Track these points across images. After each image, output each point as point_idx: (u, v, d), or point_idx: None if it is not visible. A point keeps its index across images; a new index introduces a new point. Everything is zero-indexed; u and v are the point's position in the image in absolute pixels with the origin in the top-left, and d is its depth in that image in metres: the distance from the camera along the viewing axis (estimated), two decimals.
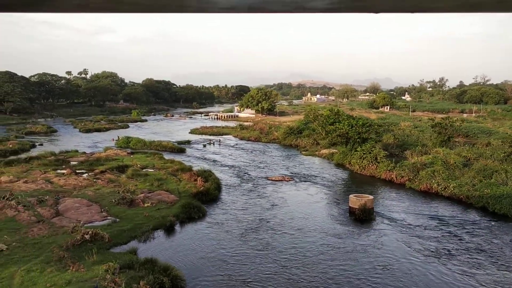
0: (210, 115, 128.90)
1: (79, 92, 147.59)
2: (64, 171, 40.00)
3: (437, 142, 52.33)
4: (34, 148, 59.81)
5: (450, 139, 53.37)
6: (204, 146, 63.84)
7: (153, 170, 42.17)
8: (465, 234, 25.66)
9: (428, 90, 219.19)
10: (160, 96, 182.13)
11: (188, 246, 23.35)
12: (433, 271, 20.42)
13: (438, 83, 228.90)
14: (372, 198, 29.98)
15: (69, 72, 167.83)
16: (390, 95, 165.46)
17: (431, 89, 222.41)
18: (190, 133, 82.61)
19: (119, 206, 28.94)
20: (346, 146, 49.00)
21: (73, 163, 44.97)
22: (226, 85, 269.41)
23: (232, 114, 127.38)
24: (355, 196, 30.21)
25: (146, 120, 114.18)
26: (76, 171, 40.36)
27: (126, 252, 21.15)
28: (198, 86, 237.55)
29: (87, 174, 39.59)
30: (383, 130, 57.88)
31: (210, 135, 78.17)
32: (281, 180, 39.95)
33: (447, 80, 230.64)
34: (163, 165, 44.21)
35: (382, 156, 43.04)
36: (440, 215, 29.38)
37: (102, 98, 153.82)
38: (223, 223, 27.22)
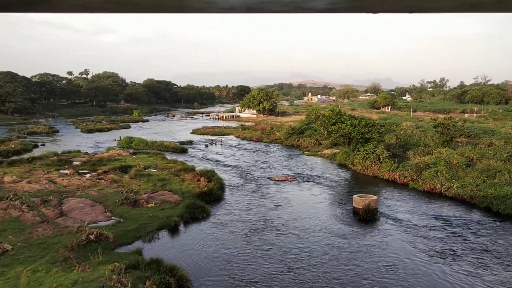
0: (211, 115, 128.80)
1: (80, 92, 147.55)
2: (67, 171, 40.01)
3: (439, 142, 52.28)
4: (36, 148, 59.82)
5: (452, 139, 53.35)
6: (206, 146, 63.83)
7: (155, 170, 42.15)
8: (469, 234, 25.62)
9: (429, 90, 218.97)
10: (161, 96, 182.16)
11: (192, 246, 23.33)
12: (438, 272, 20.39)
13: (439, 83, 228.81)
14: (376, 198, 29.95)
15: (70, 72, 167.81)
16: (391, 95, 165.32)
17: (431, 89, 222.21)
18: (191, 133, 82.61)
19: (123, 206, 28.94)
20: (349, 146, 48.95)
21: (75, 163, 44.96)
22: (227, 85, 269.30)
23: (233, 114, 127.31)
24: (359, 196, 30.17)
25: (147, 120, 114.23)
26: (79, 171, 40.35)
27: (131, 253, 21.13)
28: (199, 86, 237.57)
29: (90, 174, 39.60)
30: (385, 130, 57.83)
31: (212, 135, 78.16)
32: (284, 180, 39.92)
33: (447, 80, 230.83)
34: (165, 165, 44.19)
35: (385, 156, 43.04)
36: (444, 215, 29.35)
37: (103, 98, 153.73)
38: (227, 223, 27.21)
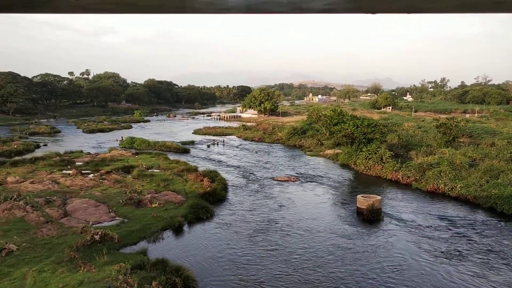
0: (213, 116, 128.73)
1: (81, 92, 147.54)
2: (70, 172, 40.00)
3: (441, 142, 52.23)
4: (38, 148, 59.85)
5: (454, 139, 53.32)
6: (208, 147, 63.82)
7: (158, 170, 42.13)
8: (474, 234, 25.59)
9: (430, 90, 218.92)
10: (162, 97, 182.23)
11: (197, 247, 23.32)
12: (443, 272, 20.35)
13: (440, 84, 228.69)
14: (380, 199, 29.90)
15: (71, 73, 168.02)
16: (392, 96, 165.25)
17: (432, 89, 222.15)
18: (193, 133, 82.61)
19: (126, 207, 28.92)
20: (351, 147, 48.92)
21: (78, 163, 44.95)
22: (227, 85, 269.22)
23: (234, 114, 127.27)
24: (362, 196, 30.12)
25: (148, 121, 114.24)
26: (82, 172, 40.34)
27: (136, 253, 21.13)
28: (199, 87, 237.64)
29: (93, 175, 39.58)
30: (387, 131, 57.79)
31: (214, 135, 78.13)
32: (287, 181, 39.89)
33: (448, 80, 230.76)
34: (168, 165, 44.19)
35: (388, 157, 43.01)
36: (448, 216, 29.31)
37: (105, 98, 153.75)
38: (231, 223, 27.18)
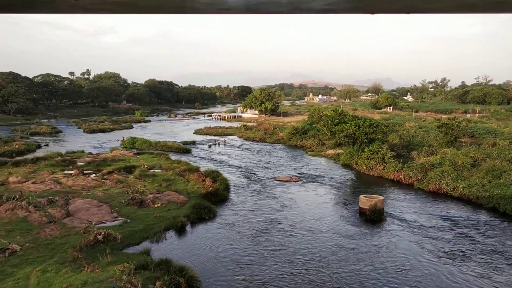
0: (213, 116, 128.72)
1: (82, 92, 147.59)
2: (71, 172, 39.99)
3: (443, 142, 52.22)
4: (39, 148, 59.88)
5: (456, 139, 53.31)
6: (210, 147, 63.81)
7: (160, 170, 42.13)
8: (477, 235, 25.57)
9: (430, 90, 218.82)
10: (163, 97, 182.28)
11: (200, 247, 23.30)
12: (447, 273, 20.33)
13: (440, 84, 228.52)
14: (382, 199, 29.89)
15: (72, 73, 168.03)
16: (392, 96, 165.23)
17: (433, 89, 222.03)
18: (194, 133, 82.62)
19: (129, 207, 28.93)
20: (353, 147, 48.89)
21: (80, 163, 44.96)
22: (228, 85, 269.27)
23: (235, 114, 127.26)
24: (365, 196, 30.10)
25: (149, 121, 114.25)
26: (84, 172, 40.34)
27: (140, 253, 21.14)
28: (200, 87, 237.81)
29: (94, 175, 39.57)
30: (388, 131, 57.78)
31: (215, 135, 78.11)
32: (289, 181, 39.88)
33: (449, 80, 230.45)
34: (170, 165, 44.18)
35: (390, 157, 42.99)
36: (451, 216, 29.29)
37: (105, 98, 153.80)
38: (234, 223, 27.17)
